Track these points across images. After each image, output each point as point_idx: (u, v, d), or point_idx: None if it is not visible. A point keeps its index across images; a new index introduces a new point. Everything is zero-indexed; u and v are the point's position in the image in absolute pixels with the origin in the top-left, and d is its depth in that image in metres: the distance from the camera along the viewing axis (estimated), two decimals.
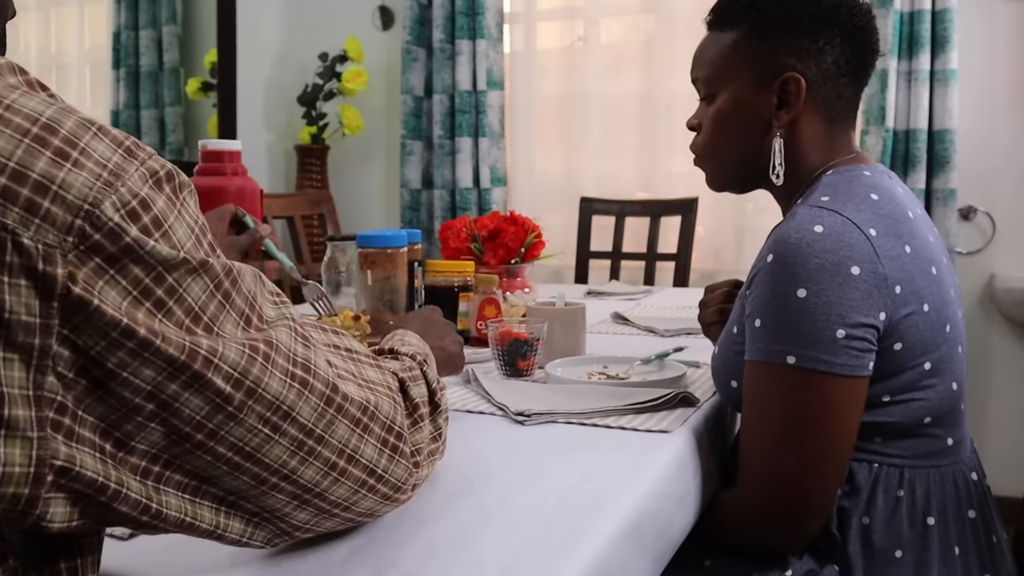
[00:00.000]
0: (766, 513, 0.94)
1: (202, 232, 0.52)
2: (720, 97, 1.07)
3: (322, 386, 0.56)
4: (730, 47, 1.06)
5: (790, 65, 1.02)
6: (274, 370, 0.53)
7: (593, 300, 2.09)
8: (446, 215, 3.14)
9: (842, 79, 1.03)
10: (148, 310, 0.47)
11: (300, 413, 0.55)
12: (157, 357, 0.47)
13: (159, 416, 0.48)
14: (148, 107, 2.89)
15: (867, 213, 0.93)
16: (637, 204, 2.85)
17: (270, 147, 3.36)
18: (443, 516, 0.72)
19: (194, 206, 0.52)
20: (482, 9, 3.04)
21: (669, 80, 2.93)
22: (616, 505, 0.75)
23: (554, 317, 1.28)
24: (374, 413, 0.61)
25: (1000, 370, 2.70)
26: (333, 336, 0.66)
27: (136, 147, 0.49)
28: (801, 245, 0.90)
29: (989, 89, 2.65)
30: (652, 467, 0.85)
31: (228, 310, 0.52)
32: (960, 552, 0.95)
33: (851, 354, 0.89)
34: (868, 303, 0.89)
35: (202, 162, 1.36)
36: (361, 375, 0.63)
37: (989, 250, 2.69)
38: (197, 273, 0.49)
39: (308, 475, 0.57)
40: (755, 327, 0.93)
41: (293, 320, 0.57)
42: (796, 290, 0.89)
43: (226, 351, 0.50)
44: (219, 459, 0.52)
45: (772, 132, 1.04)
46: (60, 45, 2.71)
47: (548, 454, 0.89)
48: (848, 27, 1.02)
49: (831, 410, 0.90)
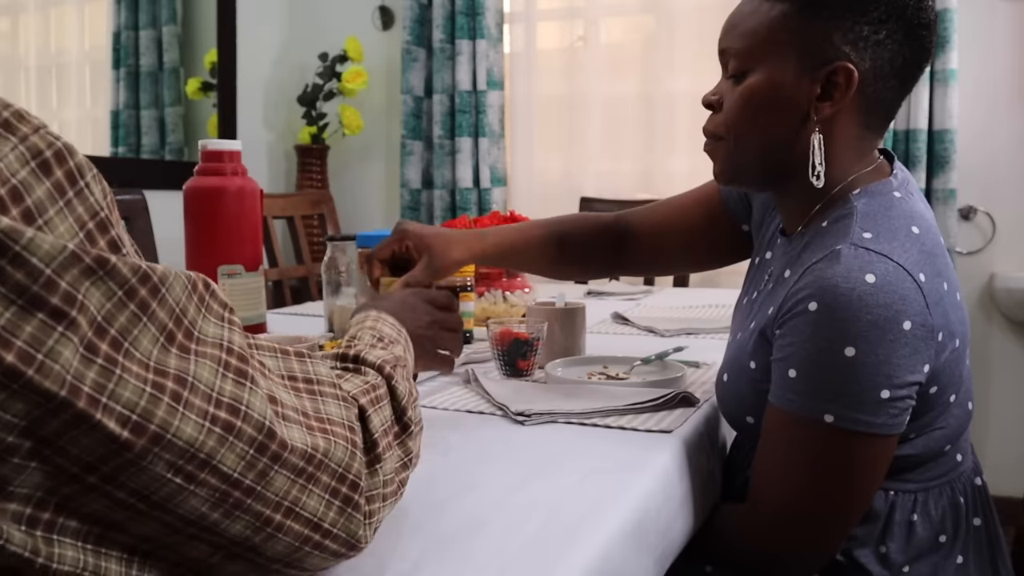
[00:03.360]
0: (777, 548, 0.92)
1: (101, 226, 0.43)
2: (754, 75, 0.92)
3: (253, 431, 0.47)
4: (777, 19, 0.90)
5: (844, 53, 0.88)
6: (187, 412, 0.44)
7: (593, 300, 2.09)
8: (446, 215, 3.15)
9: (892, 80, 0.90)
10: (41, 323, 0.38)
11: (223, 462, 0.46)
12: (29, 390, 0.38)
13: (40, 454, 0.40)
14: (148, 107, 2.89)
15: (913, 253, 0.85)
16: (637, 204, 2.85)
17: (270, 147, 3.36)
18: (443, 516, 0.72)
19: (99, 194, 0.44)
20: (482, 9, 3.04)
21: (669, 80, 2.94)
22: (617, 505, 0.75)
23: (554, 317, 1.28)
24: (322, 461, 0.52)
25: (1000, 370, 2.70)
26: (296, 362, 0.57)
27: (18, 119, 0.41)
28: (852, 298, 0.81)
29: (989, 89, 2.65)
30: (652, 467, 0.85)
31: (145, 323, 0.43)
32: (963, 562, 0.94)
33: (892, 413, 0.83)
34: (915, 359, 0.83)
35: (202, 162, 1.36)
36: (317, 413, 0.55)
37: (989, 250, 2.69)
38: (95, 275, 0.41)
39: (235, 529, 0.48)
40: (789, 376, 0.86)
41: (231, 346, 0.48)
42: (844, 348, 0.81)
43: (118, 388, 0.41)
44: (119, 504, 0.44)
45: (809, 126, 0.91)
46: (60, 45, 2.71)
47: (548, 454, 0.89)
48: (915, 23, 0.89)
49: (862, 467, 0.86)
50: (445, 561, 0.64)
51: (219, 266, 1.33)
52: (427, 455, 0.87)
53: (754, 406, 0.94)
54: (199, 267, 1.35)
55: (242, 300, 1.35)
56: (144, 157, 2.89)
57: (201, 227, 1.36)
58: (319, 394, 0.56)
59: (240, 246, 1.36)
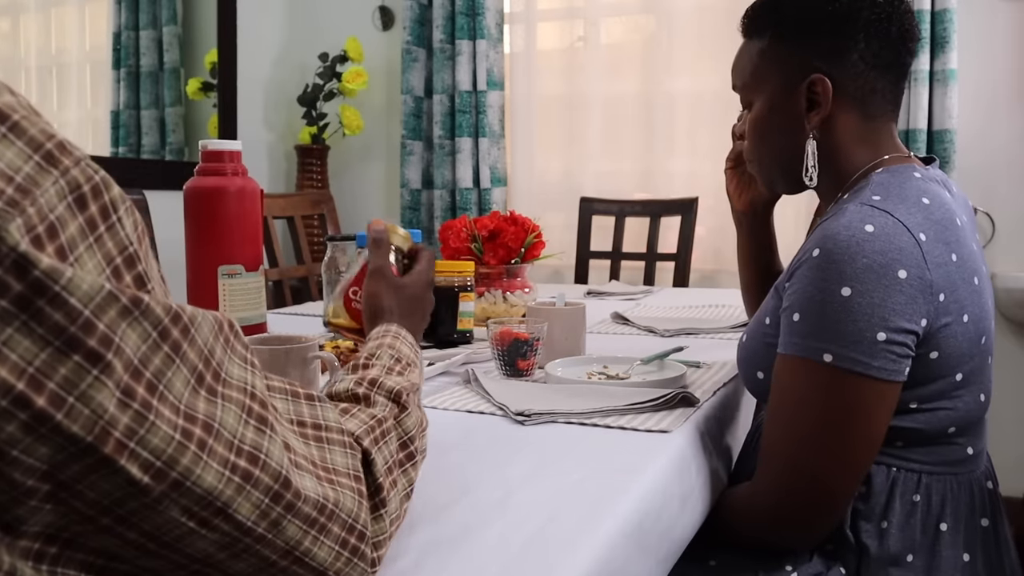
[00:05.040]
0: (782, 507, 0.94)
1: (128, 262, 0.42)
2: (756, 104, 1.09)
3: (270, 480, 0.47)
4: (758, 55, 1.08)
5: (814, 67, 1.02)
6: (210, 460, 0.43)
7: (593, 300, 2.09)
8: (446, 215, 3.15)
9: (872, 73, 1.01)
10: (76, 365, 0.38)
11: (238, 510, 0.46)
12: (56, 434, 0.38)
13: (56, 497, 0.40)
14: (148, 107, 2.89)
15: (918, 217, 0.91)
16: (637, 204, 2.85)
17: (270, 147, 3.36)
18: (443, 516, 0.72)
19: (129, 228, 0.43)
20: (482, 9, 3.04)
21: (669, 80, 2.94)
22: (617, 505, 0.75)
23: (554, 317, 1.28)
24: (333, 512, 0.52)
25: (1000, 370, 2.68)
26: (305, 405, 0.57)
27: (60, 151, 0.40)
28: (851, 243, 0.88)
29: (989, 89, 2.65)
30: (652, 467, 0.85)
31: (178, 365, 0.43)
32: (969, 559, 0.95)
33: (889, 358, 0.88)
34: (912, 308, 0.88)
35: (202, 162, 1.36)
36: (324, 463, 0.54)
37: (989, 250, 2.68)
38: (130, 315, 0.40)
39: (239, 567, 0.48)
40: (793, 321, 0.92)
41: (254, 391, 0.48)
42: (841, 288, 0.88)
43: (148, 435, 0.40)
44: (129, 543, 0.44)
45: (805, 134, 1.04)
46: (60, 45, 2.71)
47: (548, 454, 0.89)
48: (871, 20, 1.00)
49: (862, 412, 0.89)
50: (445, 561, 0.64)
51: (219, 266, 1.33)
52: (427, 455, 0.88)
53: (763, 359, 1.00)
54: (199, 267, 1.35)
55: (242, 300, 1.35)
56: (144, 157, 2.89)
57: (201, 227, 1.36)
58: (326, 441, 0.56)
59: (240, 246, 1.36)
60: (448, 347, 1.41)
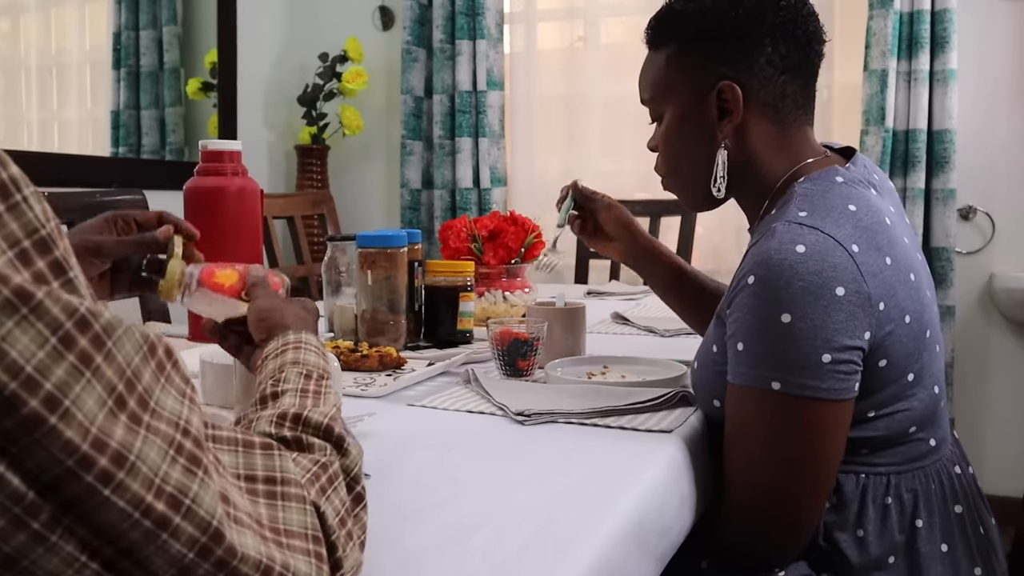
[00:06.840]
0: (750, 531, 0.94)
1: (40, 246, 0.37)
2: (666, 116, 1.06)
3: (195, 530, 0.40)
4: (664, 65, 1.05)
5: (722, 74, 1.00)
6: (114, 496, 0.36)
7: (593, 300, 2.09)
8: (446, 215, 3.15)
9: (782, 77, 1.00)
10: None
11: (151, 560, 0.39)
12: None
13: None
14: (148, 107, 2.89)
15: (847, 227, 0.90)
16: (637, 204, 2.84)
17: (270, 147, 3.36)
18: (443, 516, 0.72)
19: (41, 212, 0.38)
20: (482, 9, 3.04)
21: None
22: (617, 505, 0.75)
23: (554, 317, 1.28)
24: (282, 575, 0.45)
25: (1000, 370, 2.70)
26: (260, 456, 0.49)
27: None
28: (783, 267, 0.86)
29: (988, 89, 2.65)
30: (652, 467, 0.85)
31: (89, 379, 0.36)
32: (949, 549, 0.95)
33: (837, 377, 0.87)
34: (853, 324, 0.87)
35: (202, 162, 1.36)
36: (272, 522, 0.47)
37: (989, 250, 2.69)
38: (16, 312, 0.34)
39: None
40: (738, 350, 0.91)
41: (188, 427, 0.41)
42: (780, 315, 0.86)
43: (34, 449, 0.35)
44: None
45: (718, 144, 1.02)
46: (60, 45, 2.71)
47: (548, 454, 0.89)
48: (776, 23, 0.99)
49: (817, 434, 0.89)
50: (445, 560, 0.64)
51: None
52: (427, 455, 0.88)
53: (716, 387, 0.98)
54: None
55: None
56: (144, 157, 2.89)
57: (201, 227, 1.35)
58: (280, 497, 0.49)
59: (240, 246, 1.36)
60: (448, 347, 1.41)
